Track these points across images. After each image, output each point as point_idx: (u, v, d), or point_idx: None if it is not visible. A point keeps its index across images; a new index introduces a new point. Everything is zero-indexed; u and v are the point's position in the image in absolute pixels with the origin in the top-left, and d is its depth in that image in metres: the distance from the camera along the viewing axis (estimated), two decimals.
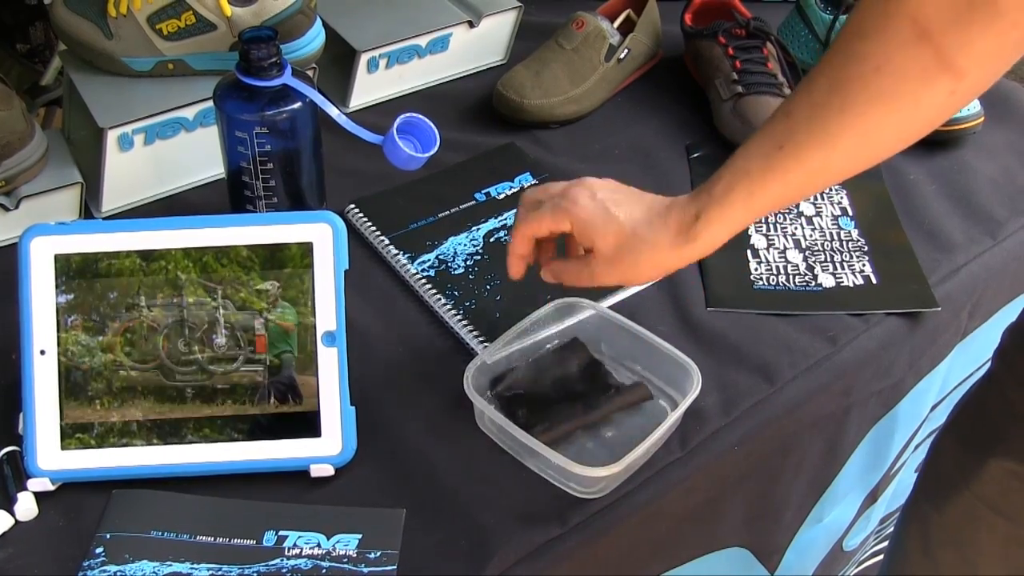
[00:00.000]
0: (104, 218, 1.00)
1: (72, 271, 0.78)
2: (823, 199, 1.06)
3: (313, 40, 1.04)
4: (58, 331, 0.77)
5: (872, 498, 1.15)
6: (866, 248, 1.01)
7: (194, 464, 0.77)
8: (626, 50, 1.18)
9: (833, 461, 1.01)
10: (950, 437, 0.96)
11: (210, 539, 0.74)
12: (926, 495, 0.98)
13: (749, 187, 0.70)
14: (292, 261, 0.79)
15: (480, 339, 0.88)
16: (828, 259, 1.00)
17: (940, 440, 0.97)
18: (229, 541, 0.74)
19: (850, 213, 1.05)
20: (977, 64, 0.62)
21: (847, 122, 0.65)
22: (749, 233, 1.02)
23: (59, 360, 0.77)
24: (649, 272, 0.76)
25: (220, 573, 0.71)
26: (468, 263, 0.96)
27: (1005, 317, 1.02)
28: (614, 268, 0.76)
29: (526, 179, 1.06)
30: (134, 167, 1.00)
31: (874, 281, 0.97)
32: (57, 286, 0.77)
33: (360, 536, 0.74)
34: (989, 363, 0.92)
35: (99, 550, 0.72)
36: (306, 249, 0.79)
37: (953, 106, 0.65)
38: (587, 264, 0.77)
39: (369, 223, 1.00)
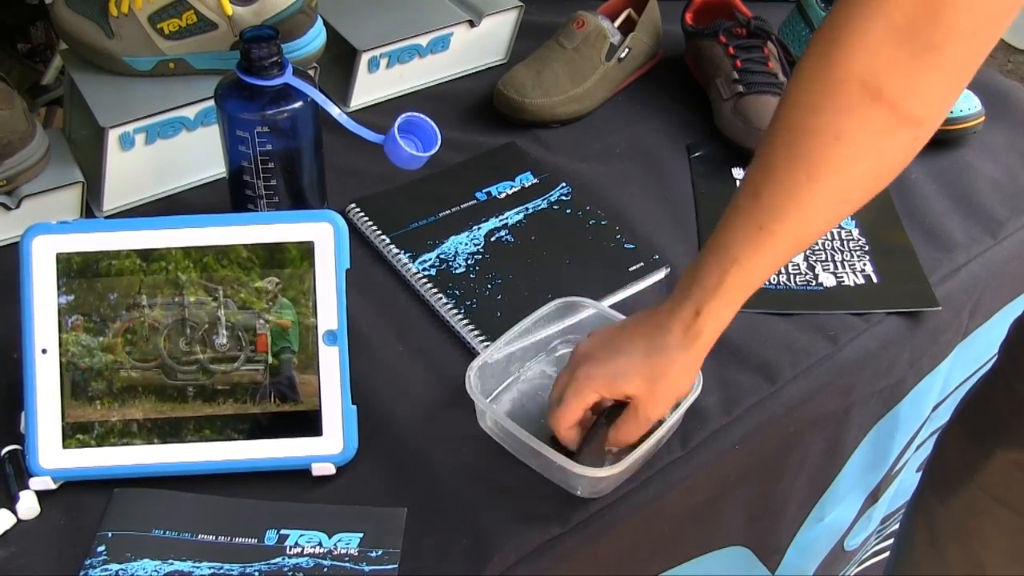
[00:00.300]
0: (105, 217, 1.00)
1: (73, 271, 0.78)
2: None
3: (314, 39, 1.04)
4: (59, 331, 0.77)
5: (873, 498, 1.15)
6: (867, 247, 1.01)
7: (196, 463, 0.77)
8: (627, 49, 1.18)
9: (834, 460, 1.01)
10: (956, 430, 0.96)
11: (212, 538, 0.74)
12: (932, 488, 0.98)
13: (740, 270, 0.70)
14: (293, 260, 0.79)
15: (481, 338, 0.88)
16: (829, 258, 1.00)
17: (946, 434, 0.98)
18: (231, 540, 0.74)
19: None
20: (932, 107, 0.64)
21: (817, 190, 0.66)
22: None
23: (60, 359, 0.77)
24: (686, 379, 0.77)
25: (222, 572, 0.71)
26: (469, 262, 0.96)
27: (1006, 316, 1.02)
28: (657, 398, 0.75)
29: (527, 178, 1.06)
30: (135, 166, 1.00)
31: (875, 280, 0.97)
32: (59, 286, 0.77)
33: (361, 535, 0.74)
34: (995, 357, 0.92)
35: (101, 548, 0.72)
36: (307, 248, 0.79)
37: (916, 149, 0.66)
38: (635, 413, 0.75)
39: (370, 222, 1.00)
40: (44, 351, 0.77)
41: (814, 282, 0.97)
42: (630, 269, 0.96)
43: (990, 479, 0.89)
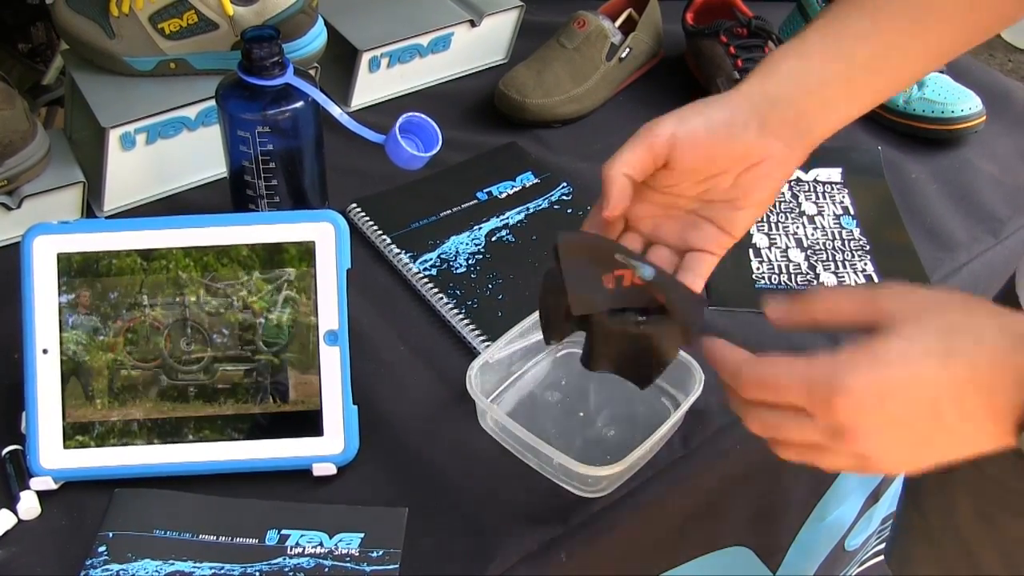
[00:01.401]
0: (106, 217, 1.00)
1: (74, 270, 0.78)
2: (825, 198, 1.06)
3: (315, 39, 1.04)
4: (60, 330, 0.77)
5: (874, 497, 1.15)
6: (868, 247, 1.01)
7: (197, 463, 0.77)
8: (627, 49, 1.18)
9: None
10: None
11: (212, 538, 0.74)
12: None
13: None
14: (294, 260, 0.79)
15: (482, 338, 0.88)
16: (830, 258, 1.00)
17: None
18: (232, 540, 0.74)
19: (852, 212, 1.05)
20: None
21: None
22: (751, 232, 1.02)
23: (61, 359, 0.77)
24: (731, 155, 0.65)
25: (223, 572, 0.71)
26: (470, 262, 0.96)
27: None
28: (692, 170, 0.64)
29: (528, 178, 1.06)
30: (136, 166, 1.00)
31: (876, 280, 0.97)
32: (59, 285, 0.77)
33: (363, 535, 0.74)
34: None
35: (102, 549, 0.72)
36: (308, 248, 0.79)
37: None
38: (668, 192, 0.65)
39: (371, 222, 1.00)
40: (45, 351, 0.77)
41: (815, 282, 0.97)
42: None
43: None
